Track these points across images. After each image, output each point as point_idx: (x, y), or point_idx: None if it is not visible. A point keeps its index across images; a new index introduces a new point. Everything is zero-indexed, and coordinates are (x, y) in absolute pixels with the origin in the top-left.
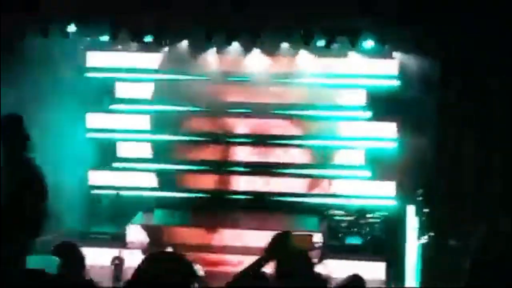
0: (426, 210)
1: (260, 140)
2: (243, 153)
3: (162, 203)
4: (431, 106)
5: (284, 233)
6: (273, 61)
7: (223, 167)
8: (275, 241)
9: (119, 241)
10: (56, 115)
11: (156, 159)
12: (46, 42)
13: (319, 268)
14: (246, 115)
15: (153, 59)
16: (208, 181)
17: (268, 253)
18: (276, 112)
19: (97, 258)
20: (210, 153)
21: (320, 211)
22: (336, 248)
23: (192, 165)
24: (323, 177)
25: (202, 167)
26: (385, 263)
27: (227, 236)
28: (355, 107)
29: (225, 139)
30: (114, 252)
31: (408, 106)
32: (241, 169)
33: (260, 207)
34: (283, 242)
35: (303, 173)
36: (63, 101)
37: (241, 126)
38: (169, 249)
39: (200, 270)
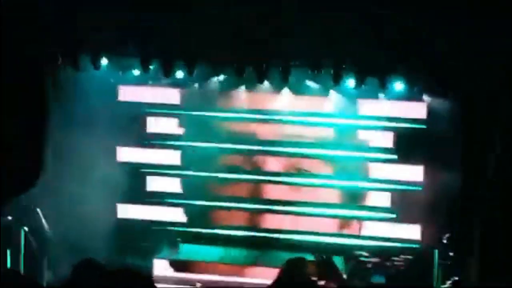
0: (451, 254)
1: (289, 179)
2: (272, 191)
3: (188, 238)
4: (458, 150)
5: (296, 260)
6: (302, 100)
7: (253, 205)
8: (286, 267)
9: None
10: (87, 147)
11: (185, 194)
12: (78, 75)
13: None
14: (276, 154)
15: (183, 95)
16: (238, 219)
17: (278, 279)
18: (305, 152)
19: None
20: (239, 190)
21: (345, 252)
22: None
23: (222, 202)
24: (349, 217)
25: (231, 204)
26: None
27: (256, 273)
28: (382, 149)
29: (254, 177)
30: None
31: (435, 149)
32: (270, 207)
33: (287, 246)
34: (294, 269)
35: (329, 213)
36: (94, 134)
37: (271, 164)
38: (198, 286)
39: None
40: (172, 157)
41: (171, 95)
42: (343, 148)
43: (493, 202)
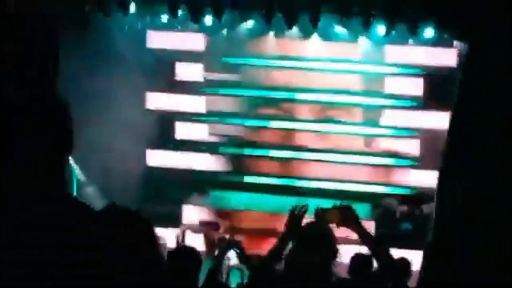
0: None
1: (320, 127)
2: (303, 139)
3: (218, 185)
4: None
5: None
6: (331, 47)
7: (283, 153)
8: (291, 216)
9: (174, 221)
10: (117, 92)
11: (214, 141)
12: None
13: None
14: (306, 102)
15: (212, 41)
16: (268, 166)
17: (286, 231)
18: (335, 99)
19: None
20: (270, 137)
21: (373, 200)
22: (388, 236)
23: (251, 149)
24: (377, 165)
25: (261, 152)
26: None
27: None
28: (411, 96)
29: (285, 124)
30: (167, 231)
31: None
32: (301, 155)
33: (315, 193)
34: (299, 216)
35: (359, 161)
36: (123, 79)
37: (302, 111)
38: (223, 232)
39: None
40: (200, 104)
41: (200, 41)
42: (372, 95)
43: None
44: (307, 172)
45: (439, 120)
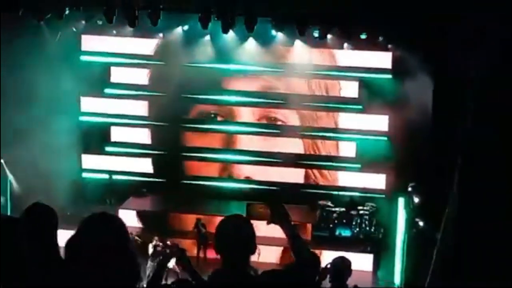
0: (416, 203)
1: (257, 130)
2: (240, 142)
3: (153, 188)
4: (425, 100)
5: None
6: (268, 51)
7: (220, 155)
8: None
9: None
10: (51, 97)
11: (150, 144)
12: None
13: None
14: (242, 104)
15: (148, 45)
16: (204, 169)
17: None
18: (269, 102)
19: None
20: (208, 140)
21: (311, 201)
22: (325, 239)
23: (187, 152)
24: (316, 167)
25: (196, 155)
26: (372, 255)
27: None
28: (348, 99)
29: (222, 126)
30: None
31: (401, 99)
32: (238, 157)
33: (251, 196)
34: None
35: (296, 163)
36: (58, 84)
37: (237, 114)
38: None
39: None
40: (138, 107)
41: (136, 46)
42: (307, 99)
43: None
44: (248, 174)
45: (378, 123)
